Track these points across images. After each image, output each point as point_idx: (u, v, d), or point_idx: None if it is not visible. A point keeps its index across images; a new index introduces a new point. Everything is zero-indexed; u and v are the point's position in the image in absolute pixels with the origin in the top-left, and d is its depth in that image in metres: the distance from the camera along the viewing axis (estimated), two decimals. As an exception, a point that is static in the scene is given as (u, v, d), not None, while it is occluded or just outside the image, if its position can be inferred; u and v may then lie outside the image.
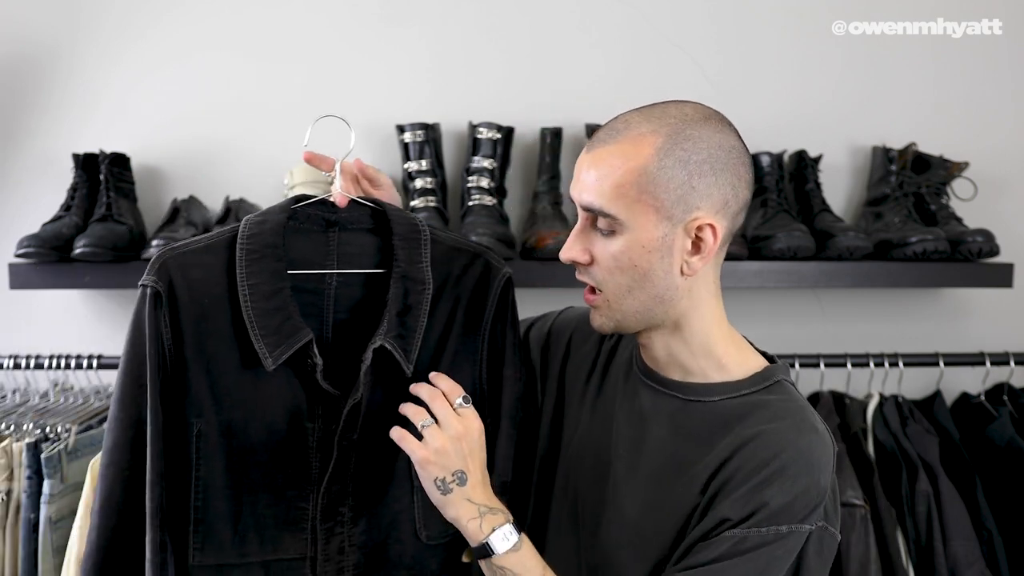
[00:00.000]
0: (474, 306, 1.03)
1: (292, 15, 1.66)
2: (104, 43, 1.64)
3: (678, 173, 0.86)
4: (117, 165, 1.56)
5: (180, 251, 0.96)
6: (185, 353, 0.94)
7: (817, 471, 0.86)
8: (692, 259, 0.90)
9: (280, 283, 0.94)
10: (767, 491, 0.85)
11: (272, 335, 0.92)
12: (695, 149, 0.87)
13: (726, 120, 0.91)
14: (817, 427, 0.89)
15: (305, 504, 0.98)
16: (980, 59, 1.77)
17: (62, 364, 1.49)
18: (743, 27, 1.73)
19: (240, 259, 0.94)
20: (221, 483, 0.95)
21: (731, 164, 0.89)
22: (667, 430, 0.94)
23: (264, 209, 1.01)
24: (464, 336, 1.03)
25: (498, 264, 1.05)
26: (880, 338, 1.75)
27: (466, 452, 0.91)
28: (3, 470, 1.37)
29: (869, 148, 1.77)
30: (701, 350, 0.94)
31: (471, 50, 1.69)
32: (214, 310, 0.95)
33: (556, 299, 1.44)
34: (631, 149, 0.87)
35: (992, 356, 1.60)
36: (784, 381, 0.94)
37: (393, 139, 1.66)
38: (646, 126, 0.88)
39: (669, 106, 0.90)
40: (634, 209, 0.87)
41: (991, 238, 1.59)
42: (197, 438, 0.95)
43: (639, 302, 0.91)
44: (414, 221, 1.02)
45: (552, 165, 1.64)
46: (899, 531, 1.49)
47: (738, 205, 0.91)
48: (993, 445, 1.58)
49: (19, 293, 1.59)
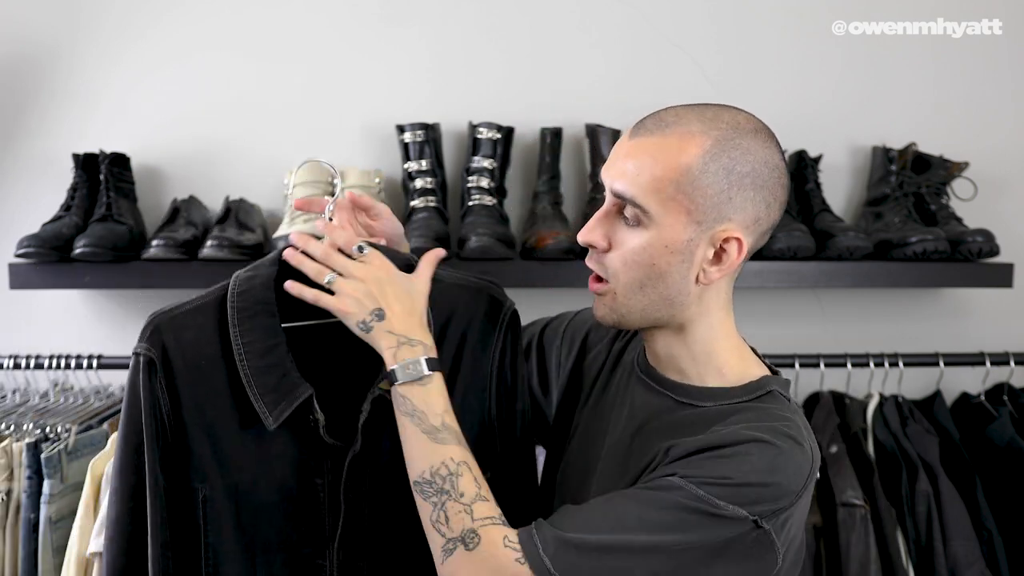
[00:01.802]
0: (480, 342, 1.02)
1: (292, 15, 1.66)
2: (104, 43, 1.64)
3: (719, 180, 0.85)
4: (117, 165, 1.56)
5: (172, 314, 0.94)
6: (184, 418, 0.93)
7: (782, 474, 0.82)
8: (711, 268, 0.88)
9: (275, 339, 0.93)
10: (721, 464, 0.81)
11: (271, 393, 0.91)
12: (741, 160, 0.85)
13: (774, 137, 0.90)
14: (800, 440, 0.85)
15: (323, 560, 0.96)
16: (980, 59, 1.77)
17: (62, 364, 1.49)
18: (743, 27, 1.73)
19: (232, 317, 0.93)
20: (232, 547, 0.94)
21: (771, 182, 0.87)
22: (653, 428, 0.93)
23: (254, 263, 0.99)
24: (472, 373, 1.01)
25: (502, 298, 1.04)
26: (880, 338, 1.75)
27: (376, 292, 0.91)
28: (3, 470, 1.37)
29: (869, 148, 1.77)
30: (702, 356, 0.93)
31: (471, 50, 1.69)
32: (210, 372, 0.93)
33: (556, 299, 1.44)
34: (677, 145, 0.85)
35: (992, 356, 1.60)
36: (777, 392, 0.91)
37: (393, 139, 1.66)
38: (697, 125, 0.86)
39: (723, 111, 0.89)
40: (667, 206, 0.85)
41: (991, 238, 1.59)
42: (203, 504, 0.93)
43: (647, 300, 0.90)
44: (411, 264, 0.99)
45: (552, 165, 1.64)
46: (899, 531, 1.49)
47: (768, 224, 0.89)
48: (993, 445, 1.58)
49: (19, 293, 1.59)
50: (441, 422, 0.89)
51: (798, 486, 0.83)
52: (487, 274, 1.08)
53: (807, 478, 0.84)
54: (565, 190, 1.68)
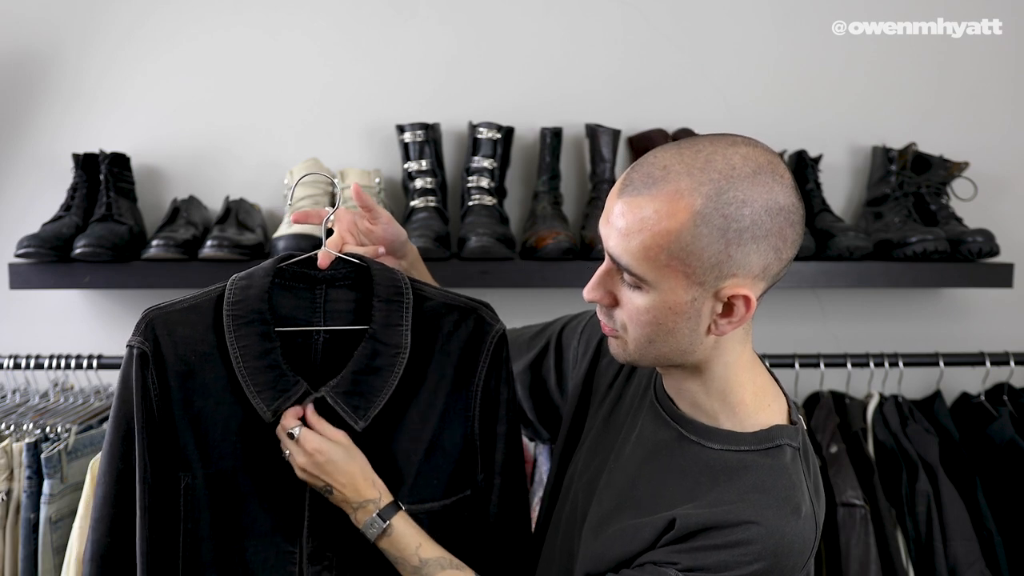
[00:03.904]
0: (466, 363, 1.04)
1: (292, 16, 1.66)
2: (105, 43, 1.64)
3: (714, 242, 0.78)
4: (117, 165, 1.56)
5: (166, 310, 0.99)
6: (172, 409, 0.97)
7: (785, 556, 0.82)
8: (722, 321, 0.84)
9: (270, 344, 0.97)
10: (723, 554, 0.81)
11: (268, 390, 0.96)
12: (736, 216, 0.78)
13: (779, 168, 0.81)
14: (801, 508, 0.84)
15: (293, 548, 0.99)
16: (980, 59, 1.77)
17: (62, 364, 1.49)
18: (743, 27, 1.73)
19: (228, 324, 0.97)
20: (208, 534, 0.98)
21: (776, 228, 0.80)
22: (660, 463, 0.92)
23: (249, 270, 1.02)
24: (455, 393, 1.03)
25: (491, 320, 1.05)
26: (880, 338, 1.75)
27: (317, 472, 0.94)
28: (3, 470, 1.37)
29: (869, 148, 1.77)
30: (717, 394, 0.90)
31: (471, 50, 1.69)
32: (201, 367, 0.97)
33: (556, 299, 1.44)
34: (665, 207, 0.79)
35: (992, 356, 1.60)
36: (786, 447, 0.88)
37: (393, 139, 1.66)
38: (685, 180, 0.79)
39: (716, 154, 0.80)
40: (662, 272, 0.81)
41: (991, 238, 1.59)
42: (185, 491, 0.98)
43: (660, 352, 0.87)
44: (398, 283, 1.02)
45: (552, 165, 1.64)
46: (899, 531, 1.49)
47: (780, 266, 0.84)
48: (993, 445, 1.58)
49: (19, 293, 1.59)
50: (419, 560, 0.95)
51: (802, 561, 0.84)
52: (487, 275, 1.09)
53: (810, 550, 0.85)
54: (565, 190, 1.68)
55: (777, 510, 0.83)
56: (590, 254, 1.54)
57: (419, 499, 1.00)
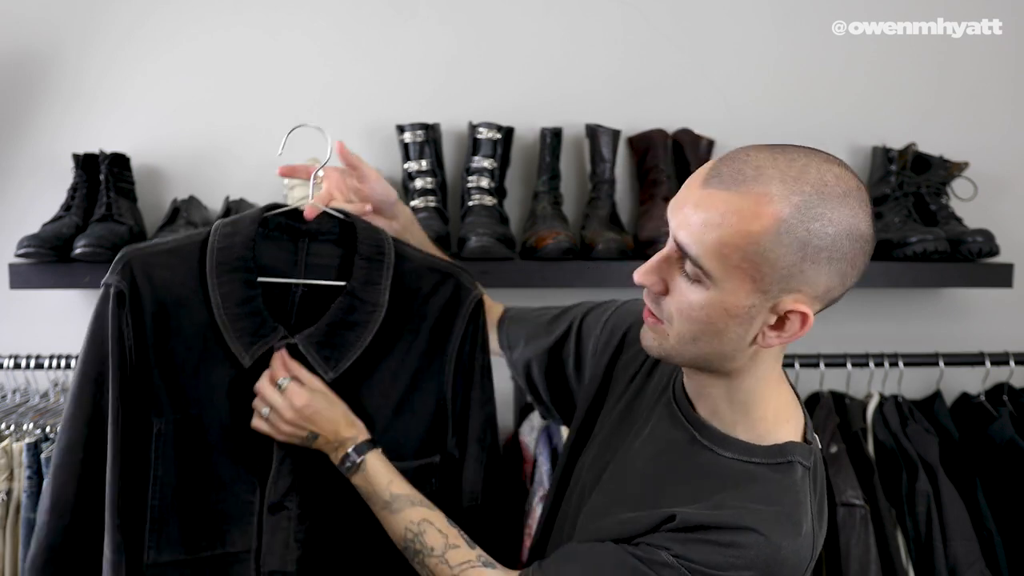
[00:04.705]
0: (441, 326, 1.05)
1: (292, 16, 1.66)
2: (105, 43, 1.64)
3: (792, 253, 0.77)
4: (117, 165, 1.56)
5: (145, 251, 0.98)
6: (147, 353, 0.97)
7: (776, 570, 0.82)
8: (771, 334, 0.82)
9: (252, 291, 0.98)
10: (716, 552, 0.81)
11: (248, 336, 0.97)
12: (820, 233, 0.76)
13: (865, 196, 0.80)
14: (802, 526, 0.84)
15: (252, 497, 1.00)
16: (980, 59, 1.78)
17: (62, 364, 1.49)
18: (743, 27, 1.73)
19: (211, 269, 0.97)
20: (177, 481, 0.98)
21: (851, 254, 0.78)
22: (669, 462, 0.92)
23: (234, 217, 1.02)
24: (428, 355, 1.04)
25: (469, 285, 1.06)
26: (880, 338, 1.75)
27: (302, 420, 0.97)
28: (3, 470, 1.37)
29: (869, 148, 1.77)
30: (740, 406, 0.89)
31: (471, 50, 1.69)
32: (178, 311, 0.97)
33: (556, 299, 1.44)
34: (750, 209, 0.76)
35: (992, 356, 1.60)
36: (797, 464, 0.87)
37: (393, 139, 1.66)
38: (777, 186, 0.76)
39: (811, 165, 0.78)
40: (731, 272, 0.79)
41: (991, 238, 1.59)
42: (156, 437, 0.97)
43: (698, 351, 0.85)
44: (380, 241, 1.03)
45: (552, 165, 1.64)
46: (899, 531, 1.49)
47: (840, 292, 0.82)
48: (993, 445, 1.58)
49: (19, 293, 1.59)
50: (389, 494, 0.98)
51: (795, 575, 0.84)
52: (487, 274, 1.10)
53: (803, 570, 0.85)
54: (565, 190, 1.68)
55: (778, 524, 0.83)
56: (590, 254, 1.54)
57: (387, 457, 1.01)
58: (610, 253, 1.52)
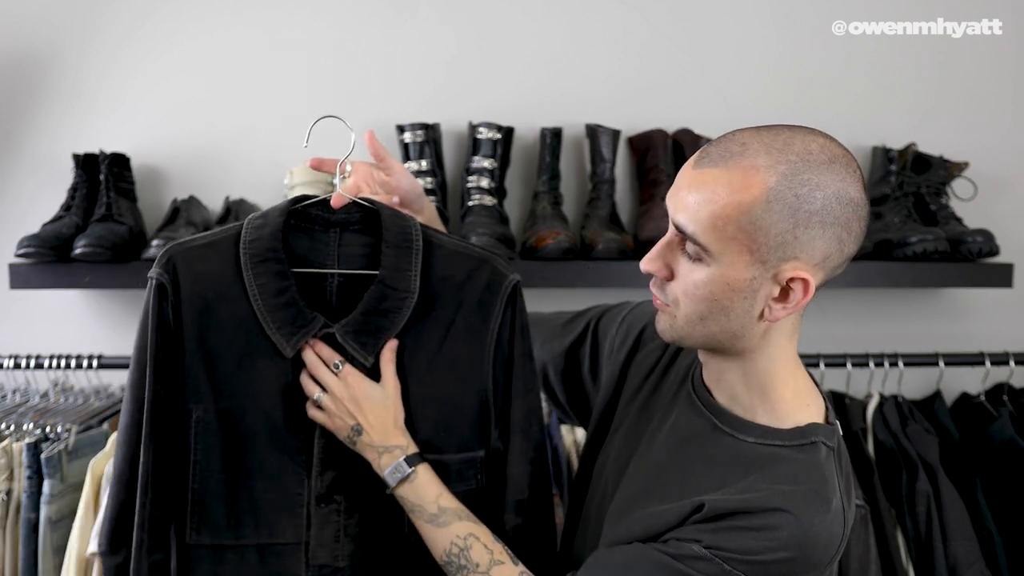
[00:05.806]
0: (479, 313, 1.02)
1: (292, 16, 1.66)
2: (105, 44, 1.64)
3: (783, 220, 0.80)
4: (117, 165, 1.56)
5: (185, 246, 1.00)
6: (186, 342, 0.98)
7: (810, 548, 0.82)
8: (776, 306, 0.85)
9: (286, 282, 0.98)
10: (749, 537, 0.81)
11: (287, 326, 0.97)
12: (809, 197, 0.80)
13: (853, 164, 0.83)
14: (831, 502, 0.84)
15: (300, 489, 1.00)
16: (980, 59, 1.78)
17: (62, 364, 1.49)
18: (743, 27, 1.73)
19: (245, 261, 0.98)
20: (217, 467, 0.99)
21: (843, 218, 0.81)
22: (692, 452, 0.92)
23: (265, 210, 1.03)
24: (466, 344, 1.02)
25: (505, 270, 1.04)
26: (880, 338, 1.75)
27: (352, 408, 0.96)
28: (3, 470, 1.37)
29: (869, 148, 1.77)
30: (757, 388, 0.90)
31: (471, 50, 1.69)
32: (217, 302, 0.99)
33: (556, 299, 1.44)
34: (740, 181, 0.80)
35: (992, 356, 1.60)
36: (821, 444, 0.88)
37: (393, 139, 1.66)
38: (763, 158, 0.80)
39: (795, 137, 0.82)
40: (728, 245, 0.81)
41: (991, 238, 1.59)
42: (196, 424, 0.99)
43: (708, 331, 0.87)
44: (407, 228, 1.02)
45: (552, 165, 1.64)
46: (899, 531, 1.49)
47: (841, 259, 0.84)
48: (993, 445, 1.58)
49: (19, 293, 1.59)
50: (437, 508, 0.96)
51: (828, 556, 0.84)
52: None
53: (836, 547, 0.85)
54: (565, 190, 1.68)
55: (807, 501, 0.83)
56: (590, 254, 1.54)
57: (426, 450, 0.99)
58: (610, 253, 1.52)
